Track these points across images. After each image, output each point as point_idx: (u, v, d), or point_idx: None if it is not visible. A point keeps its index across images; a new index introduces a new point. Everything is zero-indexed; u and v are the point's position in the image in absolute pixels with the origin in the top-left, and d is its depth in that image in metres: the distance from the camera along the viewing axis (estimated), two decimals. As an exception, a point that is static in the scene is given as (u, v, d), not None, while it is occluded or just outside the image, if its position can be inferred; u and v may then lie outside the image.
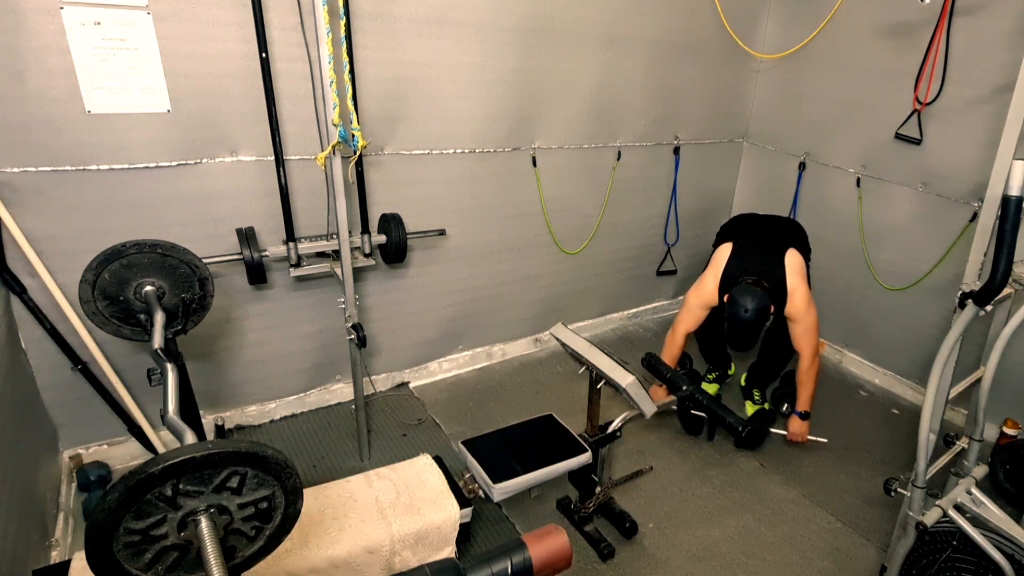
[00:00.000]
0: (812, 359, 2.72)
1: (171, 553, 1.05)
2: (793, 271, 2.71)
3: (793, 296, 2.67)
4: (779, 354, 3.01)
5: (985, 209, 2.00)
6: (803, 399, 2.79)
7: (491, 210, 3.11)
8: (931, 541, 1.99)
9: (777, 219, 3.11)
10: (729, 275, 2.75)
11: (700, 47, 3.44)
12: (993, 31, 2.70)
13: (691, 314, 2.88)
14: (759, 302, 2.53)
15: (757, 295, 2.55)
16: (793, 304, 2.67)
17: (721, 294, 2.77)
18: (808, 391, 2.77)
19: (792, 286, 2.68)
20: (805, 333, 2.70)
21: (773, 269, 2.70)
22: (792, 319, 2.71)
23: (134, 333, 1.87)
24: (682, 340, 2.93)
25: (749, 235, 2.93)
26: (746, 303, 2.53)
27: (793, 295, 2.67)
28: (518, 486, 2.03)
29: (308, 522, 1.89)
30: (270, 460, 1.05)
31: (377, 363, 3.10)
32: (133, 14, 2.05)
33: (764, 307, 2.55)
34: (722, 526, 2.44)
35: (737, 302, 2.56)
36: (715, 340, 3.26)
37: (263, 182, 2.45)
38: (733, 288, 2.63)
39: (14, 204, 2.06)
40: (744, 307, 2.53)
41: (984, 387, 1.93)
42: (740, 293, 2.57)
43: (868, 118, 3.25)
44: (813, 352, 2.71)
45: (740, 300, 2.55)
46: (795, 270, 2.71)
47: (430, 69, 2.66)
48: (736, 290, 2.61)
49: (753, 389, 3.21)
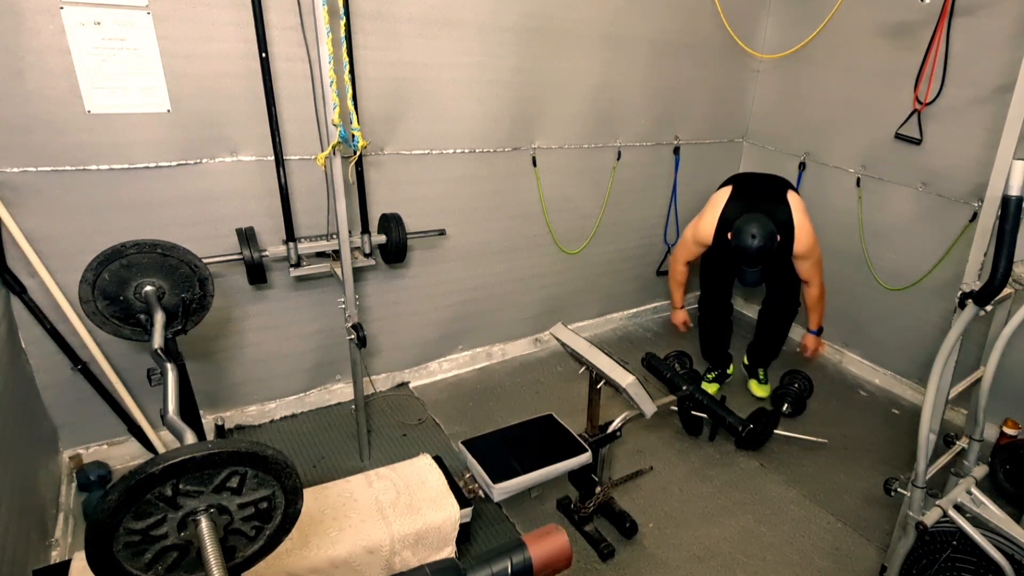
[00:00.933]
0: (821, 287, 2.93)
1: (171, 553, 1.05)
2: (797, 208, 2.78)
3: (800, 233, 2.72)
4: (777, 329, 3.13)
5: (985, 209, 2.00)
6: (815, 319, 3.03)
7: (491, 210, 3.11)
8: (931, 541, 1.99)
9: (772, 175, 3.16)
10: (728, 216, 2.80)
11: (700, 47, 3.44)
12: (993, 31, 2.70)
13: (687, 248, 3.00)
14: (765, 228, 2.57)
15: (762, 222, 2.59)
16: (801, 241, 2.73)
17: (721, 232, 2.80)
18: (819, 312, 3.01)
19: (799, 223, 2.73)
20: (814, 266, 2.84)
21: (776, 207, 2.75)
22: (801, 256, 2.77)
23: (134, 333, 1.87)
24: (684, 268, 3.07)
25: (745, 180, 3.00)
26: (752, 229, 2.56)
27: (800, 232, 2.73)
28: (518, 486, 2.03)
29: (308, 522, 1.89)
30: (270, 460, 1.05)
31: (377, 363, 3.10)
32: (133, 14, 2.05)
33: (771, 233, 2.58)
34: (722, 526, 2.45)
35: (743, 230, 2.59)
36: (719, 338, 3.28)
37: (263, 182, 2.45)
38: (736, 221, 2.66)
39: (14, 204, 2.06)
40: (751, 234, 2.56)
41: (984, 387, 1.93)
42: (745, 221, 2.61)
43: (868, 118, 3.25)
44: (821, 281, 2.92)
45: (746, 227, 2.58)
46: (799, 208, 2.79)
47: (430, 69, 2.66)
48: (740, 221, 2.63)
49: (758, 369, 3.31)
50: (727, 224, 2.75)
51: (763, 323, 3.22)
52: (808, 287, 2.94)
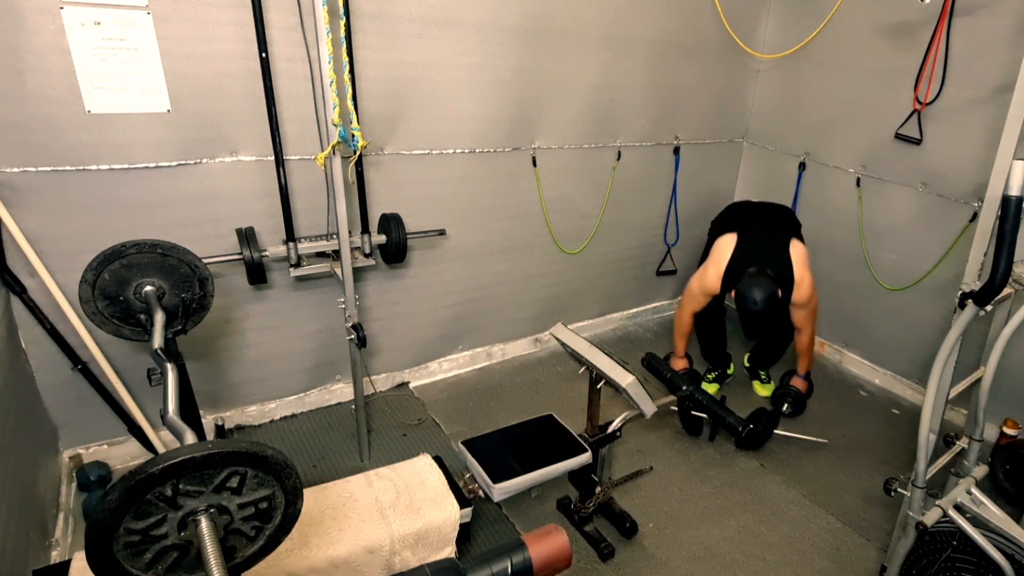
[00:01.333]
0: (812, 336, 3.05)
1: (171, 553, 1.05)
2: (799, 262, 2.83)
3: (801, 286, 2.81)
4: (779, 341, 3.22)
5: (985, 209, 2.00)
6: (804, 365, 3.14)
7: (491, 210, 3.11)
8: (931, 541, 1.99)
9: (772, 207, 3.22)
10: (734, 266, 2.85)
11: (700, 47, 3.44)
12: (993, 31, 2.70)
13: (694, 300, 3.04)
14: (766, 291, 2.64)
15: (763, 286, 2.65)
16: (800, 292, 2.82)
17: (726, 284, 2.88)
18: (808, 358, 3.12)
19: (800, 276, 2.80)
20: (809, 315, 2.95)
21: (779, 258, 2.82)
22: (799, 305, 2.87)
23: (134, 333, 1.87)
24: (690, 319, 3.11)
25: (749, 225, 3.01)
26: (754, 296, 2.64)
27: (800, 285, 2.81)
28: (518, 486, 2.03)
29: (308, 522, 1.89)
30: (270, 460, 1.05)
31: (377, 363, 3.10)
32: (133, 14, 2.05)
33: (772, 295, 2.65)
34: (722, 526, 2.44)
35: (745, 296, 2.67)
36: (715, 340, 3.28)
37: (263, 182, 2.45)
38: (740, 282, 2.73)
39: (14, 204, 2.06)
40: (753, 300, 2.64)
41: (984, 387, 1.93)
42: (747, 287, 2.68)
43: (868, 118, 3.25)
44: (814, 330, 3.05)
45: (748, 294, 2.66)
46: (801, 260, 2.84)
47: (430, 69, 2.66)
48: (743, 284, 2.71)
49: (759, 371, 3.37)
50: (733, 273, 2.84)
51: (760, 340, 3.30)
52: (800, 334, 3.03)
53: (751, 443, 2.83)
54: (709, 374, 3.35)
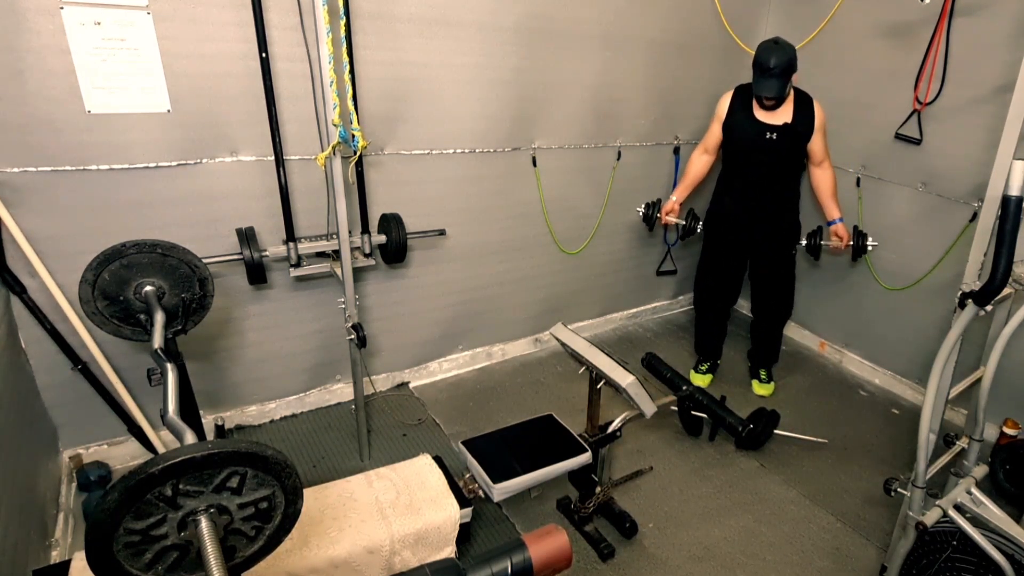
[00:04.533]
0: (832, 169, 3.04)
1: (171, 553, 1.05)
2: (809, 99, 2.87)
3: (818, 108, 2.86)
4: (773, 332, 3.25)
5: (985, 209, 2.00)
6: (835, 205, 3.04)
7: (491, 210, 3.11)
8: (931, 541, 1.99)
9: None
10: (740, 88, 2.93)
11: (700, 47, 3.44)
12: (993, 31, 2.70)
13: (708, 134, 3.08)
14: (786, 53, 2.63)
15: (782, 46, 2.64)
16: (819, 109, 2.86)
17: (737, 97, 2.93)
18: (836, 198, 3.05)
19: (815, 100, 2.86)
20: (825, 145, 2.95)
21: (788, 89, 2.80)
22: (819, 128, 2.88)
23: (134, 333, 1.87)
24: (702, 155, 3.13)
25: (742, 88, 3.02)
26: (772, 41, 2.66)
27: (817, 107, 2.86)
28: (518, 486, 2.03)
29: (308, 522, 1.89)
30: (270, 460, 1.05)
31: (377, 363, 3.10)
32: (133, 14, 2.05)
33: (791, 59, 2.64)
34: (722, 526, 2.44)
35: (764, 46, 2.66)
36: (714, 334, 3.30)
37: (263, 182, 2.45)
38: (757, 49, 2.72)
39: (14, 204, 2.06)
40: (773, 39, 2.66)
41: (984, 387, 1.93)
42: (764, 50, 2.66)
43: (868, 118, 3.25)
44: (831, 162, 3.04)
45: (766, 42, 2.67)
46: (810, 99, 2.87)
47: (430, 69, 2.66)
48: (760, 49, 2.69)
49: (759, 369, 3.35)
50: (741, 90, 2.91)
51: (758, 326, 3.29)
52: (823, 170, 2.99)
53: (751, 443, 2.83)
54: (701, 365, 3.38)
